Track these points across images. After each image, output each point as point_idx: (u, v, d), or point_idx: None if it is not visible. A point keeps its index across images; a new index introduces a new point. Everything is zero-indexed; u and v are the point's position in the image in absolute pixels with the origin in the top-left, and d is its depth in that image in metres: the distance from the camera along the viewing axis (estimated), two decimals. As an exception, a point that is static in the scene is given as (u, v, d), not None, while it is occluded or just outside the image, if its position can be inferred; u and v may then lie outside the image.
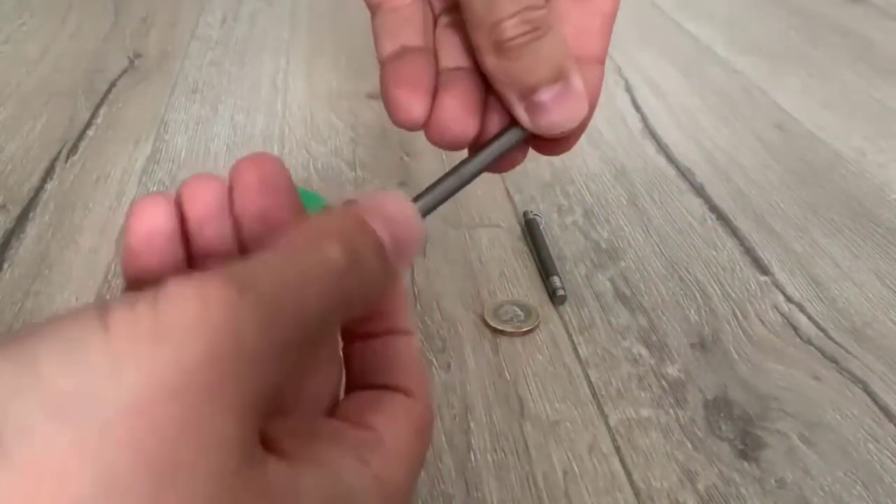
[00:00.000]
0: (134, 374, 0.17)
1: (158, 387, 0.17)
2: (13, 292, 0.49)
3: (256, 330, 0.18)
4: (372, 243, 0.22)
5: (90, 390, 0.16)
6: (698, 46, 0.92)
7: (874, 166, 0.66)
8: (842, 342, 0.47)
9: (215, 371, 0.17)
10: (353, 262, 0.21)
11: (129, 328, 0.17)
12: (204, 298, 0.18)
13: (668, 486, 0.38)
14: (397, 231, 0.23)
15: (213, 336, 0.17)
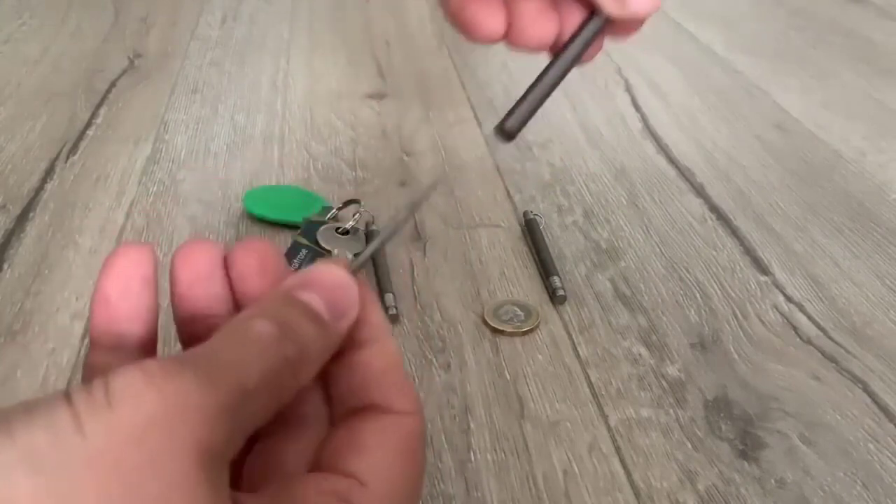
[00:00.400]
0: (98, 429, 0.19)
1: (122, 438, 0.19)
2: (13, 292, 0.49)
3: (199, 389, 0.20)
4: (303, 312, 0.24)
5: (59, 446, 0.18)
6: (698, 46, 0.92)
7: (874, 166, 0.66)
8: (842, 342, 0.47)
9: (170, 422, 0.19)
10: (284, 330, 0.23)
11: (88, 399, 0.19)
12: (146, 371, 0.20)
13: (668, 486, 0.38)
14: (330, 295, 0.25)
15: (161, 395, 0.19)
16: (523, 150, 0.68)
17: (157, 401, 0.19)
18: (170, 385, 0.20)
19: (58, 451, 0.18)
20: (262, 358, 0.22)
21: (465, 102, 0.77)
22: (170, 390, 0.20)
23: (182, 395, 0.20)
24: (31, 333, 0.46)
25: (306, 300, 0.25)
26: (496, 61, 0.86)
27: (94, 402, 0.19)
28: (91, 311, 0.26)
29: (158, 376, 0.20)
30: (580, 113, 0.75)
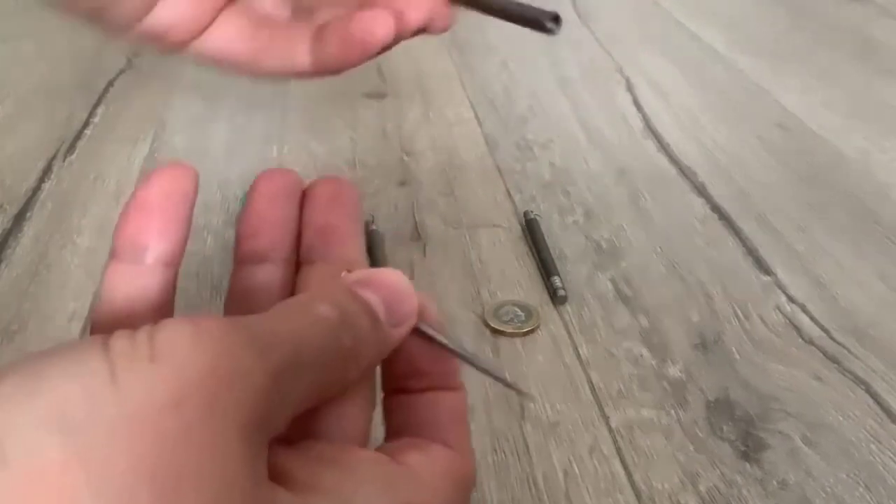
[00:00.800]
0: (135, 386, 0.17)
1: (159, 400, 0.17)
2: (10, 293, 0.49)
3: (252, 355, 0.19)
4: (363, 308, 0.24)
5: (92, 401, 0.17)
6: (700, 46, 0.91)
7: (876, 166, 0.66)
8: (844, 343, 0.47)
9: (213, 388, 0.18)
10: (344, 320, 0.23)
11: (129, 350, 0.18)
12: (199, 326, 0.19)
13: (670, 487, 0.38)
14: (391, 299, 0.25)
15: (209, 356, 0.18)
16: (523, 150, 0.68)
17: (204, 362, 0.18)
18: (220, 346, 0.19)
19: (90, 409, 0.17)
20: (319, 337, 0.22)
21: (465, 102, 0.76)
22: (220, 352, 0.18)
23: (233, 358, 0.19)
24: (28, 334, 0.46)
25: (368, 298, 0.24)
26: (496, 61, 0.86)
27: (135, 353, 0.18)
28: (121, 216, 0.25)
29: (210, 335, 0.19)
30: (581, 112, 0.75)
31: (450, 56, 0.87)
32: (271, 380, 0.19)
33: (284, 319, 0.22)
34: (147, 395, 0.17)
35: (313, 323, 0.22)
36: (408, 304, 0.25)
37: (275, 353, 0.20)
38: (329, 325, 0.22)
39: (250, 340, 0.19)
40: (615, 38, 0.93)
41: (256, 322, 0.21)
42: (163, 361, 0.18)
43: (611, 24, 0.98)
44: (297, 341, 0.21)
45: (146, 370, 0.17)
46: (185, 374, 0.18)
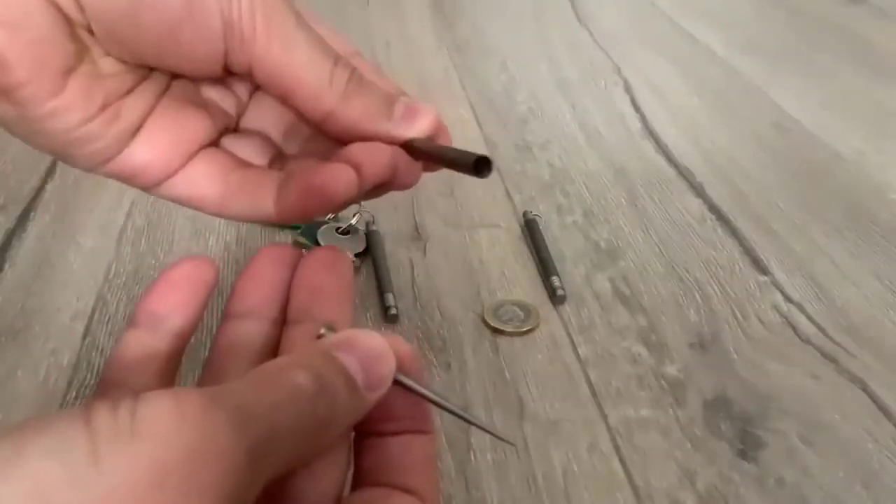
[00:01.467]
0: (116, 464, 0.17)
1: (140, 479, 0.17)
2: (14, 292, 0.50)
3: (230, 433, 0.19)
4: (341, 374, 0.24)
5: (73, 479, 0.17)
6: (697, 46, 0.92)
7: (873, 167, 0.67)
8: (841, 342, 0.47)
9: (193, 467, 0.18)
10: (321, 388, 0.23)
11: (111, 426, 0.18)
12: (179, 402, 0.19)
13: (668, 485, 0.38)
14: (368, 363, 0.25)
15: (190, 435, 0.18)
16: (523, 151, 0.68)
17: (185, 441, 0.18)
18: (201, 424, 0.19)
19: (70, 486, 0.17)
20: (295, 408, 0.22)
21: (465, 102, 0.77)
22: (200, 430, 0.19)
23: (212, 438, 0.19)
24: (31, 333, 0.46)
25: (345, 364, 0.24)
26: (496, 62, 0.86)
27: (116, 429, 0.18)
28: (147, 290, 0.27)
29: (190, 412, 0.19)
30: (579, 113, 0.75)
31: (450, 57, 0.87)
32: (248, 456, 0.20)
33: (262, 391, 0.22)
34: (128, 474, 0.17)
35: (290, 394, 0.22)
36: (385, 367, 0.25)
37: (252, 429, 0.20)
38: (306, 395, 0.22)
39: (229, 418, 0.19)
40: (613, 40, 0.93)
41: (235, 394, 0.21)
42: (144, 439, 0.18)
43: (609, 25, 0.98)
44: (275, 414, 0.21)
45: (127, 448, 0.18)
46: (166, 453, 0.18)
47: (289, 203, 0.30)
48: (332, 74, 0.29)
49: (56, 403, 0.42)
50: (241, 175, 0.32)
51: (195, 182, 0.31)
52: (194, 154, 0.31)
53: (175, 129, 0.31)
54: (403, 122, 0.31)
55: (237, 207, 0.31)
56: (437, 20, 0.98)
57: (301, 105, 0.30)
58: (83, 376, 0.44)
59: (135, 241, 0.55)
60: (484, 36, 0.93)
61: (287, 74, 0.29)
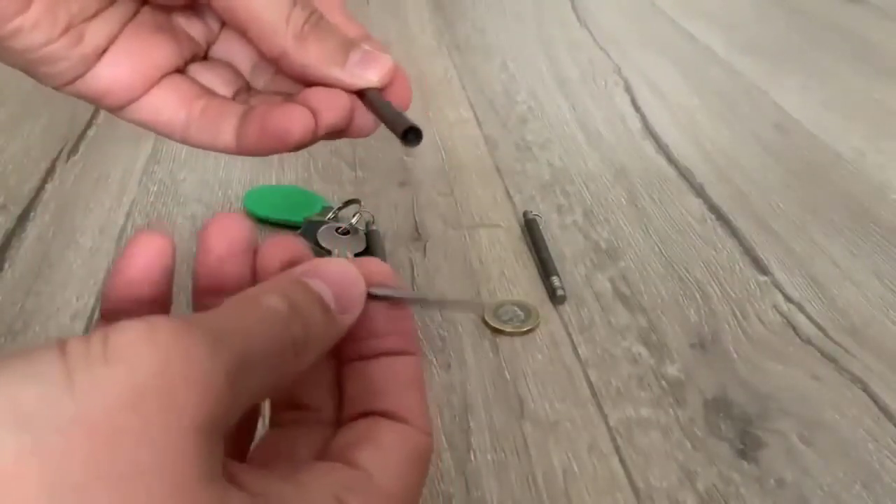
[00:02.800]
0: (90, 387, 0.17)
1: (113, 399, 0.17)
2: (14, 292, 0.50)
3: (205, 355, 0.19)
4: (312, 297, 0.24)
5: (47, 402, 0.17)
6: (698, 47, 0.92)
7: (873, 167, 0.67)
8: (841, 342, 0.47)
9: (168, 386, 0.18)
10: (294, 310, 0.23)
11: (84, 352, 0.18)
12: (151, 327, 0.19)
13: (668, 485, 0.38)
14: (339, 287, 0.25)
15: (163, 357, 0.18)
16: (523, 151, 0.68)
17: (158, 363, 0.18)
18: (174, 346, 0.19)
19: (46, 409, 0.17)
20: (269, 330, 0.22)
21: (465, 102, 0.77)
22: (173, 352, 0.19)
23: (186, 358, 0.19)
24: (31, 333, 0.46)
25: (316, 288, 0.25)
26: (496, 62, 0.86)
27: (90, 356, 0.18)
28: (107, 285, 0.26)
29: (164, 335, 0.19)
30: (580, 113, 0.75)
31: (450, 56, 0.87)
32: (225, 378, 0.19)
33: (235, 315, 0.22)
34: (102, 396, 0.17)
35: (264, 316, 0.22)
36: (356, 290, 0.26)
37: (227, 350, 0.20)
38: (279, 316, 0.23)
39: (203, 339, 0.19)
40: (614, 40, 0.93)
41: (208, 320, 0.21)
42: (117, 363, 0.18)
43: (609, 25, 0.98)
44: (249, 337, 0.21)
45: (101, 371, 0.18)
46: (139, 375, 0.18)
47: (247, 139, 0.31)
48: (289, 14, 0.30)
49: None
50: (205, 103, 0.32)
51: (159, 107, 0.32)
52: (159, 79, 0.32)
53: (140, 53, 0.31)
54: (356, 70, 0.32)
55: (198, 135, 0.32)
56: (437, 20, 0.98)
57: (256, 42, 0.30)
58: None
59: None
60: (484, 36, 0.93)
61: (243, 9, 0.29)
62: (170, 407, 0.18)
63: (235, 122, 0.31)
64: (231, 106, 0.32)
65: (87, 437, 0.17)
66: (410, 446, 0.25)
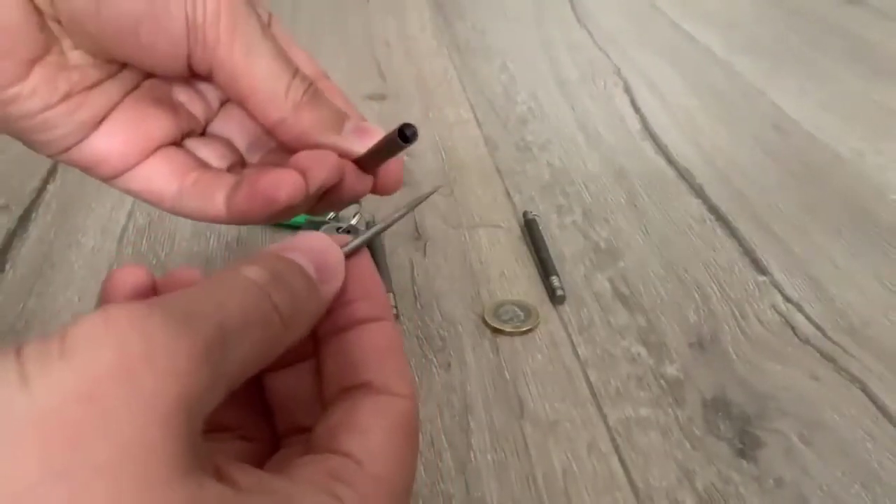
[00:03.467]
0: (44, 384, 0.17)
1: (70, 394, 0.17)
2: (16, 292, 0.50)
3: (168, 333, 0.18)
4: (294, 267, 0.25)
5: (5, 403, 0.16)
6: (697, 47, 0.92)
7: (872, 167, 0.67)
8: (840, 342, 0.47)
9: (129, 376, 0.17)
10: (276, 279, 0.23)
11: (39, 351, 0.17)
12: (108, 314, 0.18)
13: (667, 485, 0.38)
14: (318, 258, 0.26)
15: (121, 342, 0.18)
16: (523, 151, 0.68)
17: (116, 349, 0.17)
18: (134, 331, 0.18)
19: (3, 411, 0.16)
20: (248, 299, 0.22)
21: (465, 102, 0.77)
22: (134, 337, 0.18)
23: (148, 342, 0.18)
24: (33, 333, 0.47)
25: (297, 259, 0.25)
26: (496, 61, 0.86)
27: (45, 353, 0.17)
28: None
29: (122, 322, 0.18)
30: (579, 113, 0.75)
31: (450, 57, 0.87)
32: (196, 359, 0.19)
33: (209, 291, 0.21)
34: (57, 391, 0.17)
35: (241, 288, 0.22)
36: (334, 258, 0.27)
37: (198, 328, 0.19)
38: (258, 287, 0.22)
39: (165, 320, 0.19)
40: (613, 40, 0.93)
41: (175, 298, 0.20)
42: (73, 355, 0.17)
43: (609, 26, 0.98)
44: (224, 308, 0.21)
45: (57, 366, 0.17)
46: (96, 365, 0.17)
47: (237, 205, 0.31)
48: (288, 85, 0.30)
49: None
50: (197, 175, 0.32)
51: (152, 178, 0.32)
52: (154, 151, 0.32)
53: (137, 124, 0.31)
54: (352, 137, 0.32)
55: (190, 205, 0.32)
56: (437, 20, 0.98)
57: (256, 111, 0.31)
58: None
59: (136, 242, 0.55)
60: (484, 36, 0.93)
61: (245, 80, 0.30)
62: (131, 398, 0.17)
63: (227, 191, 0.31)
64: (224, 177, 0.32)
65: (43, 436, 0.16)
66: (393, 421, 0.25)
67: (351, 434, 0.24)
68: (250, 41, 0.29)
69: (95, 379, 0.17)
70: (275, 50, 0.30)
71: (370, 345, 0.27)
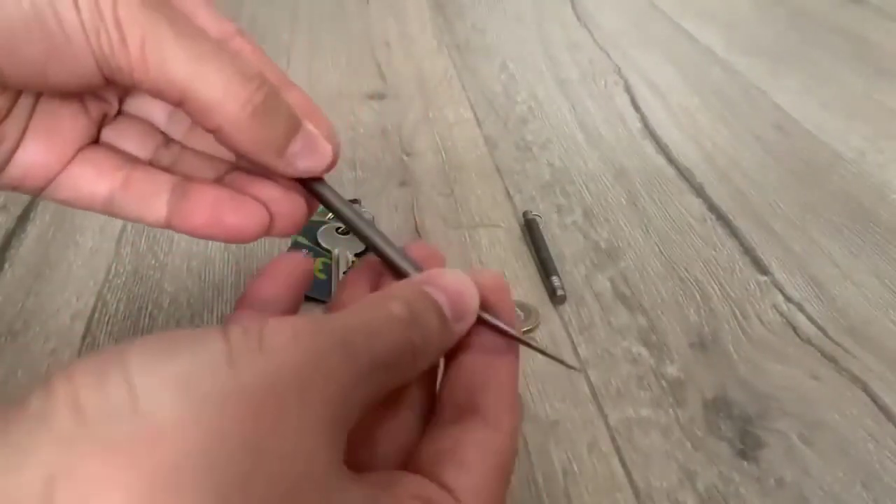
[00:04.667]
0: (246, 370, 0.20)
1: (264, 383, 0.20)
2: (14, 292, 0.50)
3: (339, 357, 0.22)
4: (431, 305, 0.26)
5: (212, 376, 0.19)
6: (698, 47, 0.92)
7: (873, 167, 0.67)
8: (841, 342, 0.47)
9: (306, 382, 0.21)
10: (414, 317, 0.25)
11: (243, 339, 0.21)
12: (297, 329, 0.22)
13: (668, 485, 0.38)
14: (455, 297, 0.27)
15: (305, 355, 0.21)
16: (523, 150, 0.68)
17: (300, 359, 0.21)
18: (314, 346, 0.21)
19: (209, 381, 0.19)
20: (393, 335, 0.24)
21: (465, 102, 0.77)
22: (313, 352, 0.21)
23: (323, 359, 0.21)
24: (31, 333, 0.46)
25: (435, 296, 0.27)
26: (496, 61, 0.86)
27: (247, 343, 0.20)
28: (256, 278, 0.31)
29: (305, 336, 0.21)
30: (579, 113, 0.75)
31: (450, 56, 0.87)
32: (353, 378, 0.22)
33: (364, 318, 0.24)
34: (255, 378, 0.20)
35: (389, 320, 0.24)
36: (470, 301, 0.28)
37: (356, 356, 0.22)
38: (401, 323, 0.25)
39: (337, 343, 0.22)
40: (613, 40, 0.93)
41: (341, 322, 0.23)
42: (269, 353, 0.21)
43: (609, 25, 0.98)
44: (376, 340, 0.23)
45: (256, 358, 0.20)
46: (285, 367, 0.20)
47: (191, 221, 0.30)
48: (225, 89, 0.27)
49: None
50: (128, 174, 0.31)
51: (78, 183, 0.31)
52: (74, 155, 0.31)
53: (50, 132, 0.30)
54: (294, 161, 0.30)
55: (127, 208, 0.31)
56: (437, 20, 0.98)
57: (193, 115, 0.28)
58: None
59: (134, 242, 0.55)
60: (484, 36, 0.93)
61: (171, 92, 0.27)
62: (305, 400, 0.20)
63: (166, 194, 0.30)
64: (158, 177, 0.31)
65: (240, 411, 0.19)
66: (497, 461, 0.26)
67: (456, 468, 0.25)
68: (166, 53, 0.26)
69: (283, 379, 0.20)
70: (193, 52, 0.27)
71: (495, 377, 0.28)
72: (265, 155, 0.29)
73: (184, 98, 0.27)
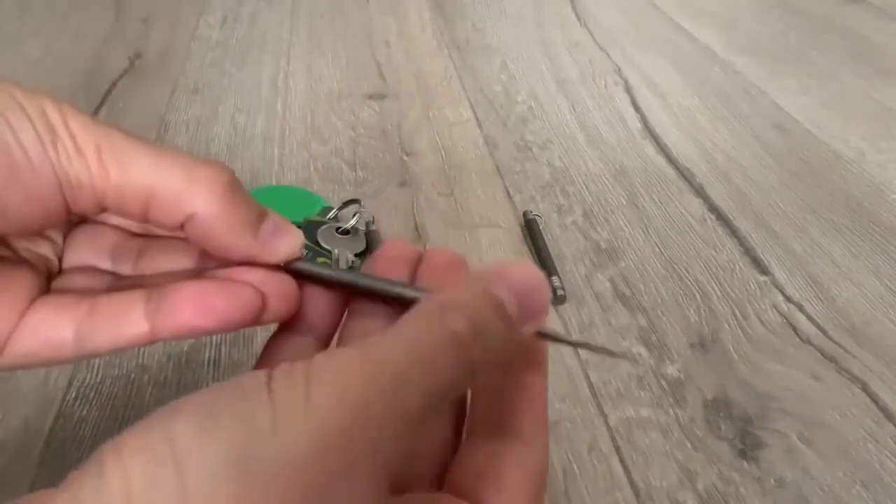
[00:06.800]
0: (291, 436, 0.19)
1: (310, 450, 0.19)
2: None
3: (385, 404, 0.20)
4: (496, 310, 0.24)
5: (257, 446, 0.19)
6: (698, 47, 0.92)
7: (873, 166, 0.67)
8: (841, 342, 0.47)
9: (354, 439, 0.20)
10: (477, 332, 0.23)
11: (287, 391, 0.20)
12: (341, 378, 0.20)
13: (668, 485, 0.38)
14: (523, 294, 0.24)
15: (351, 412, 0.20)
16: (523, 151, 0.68)
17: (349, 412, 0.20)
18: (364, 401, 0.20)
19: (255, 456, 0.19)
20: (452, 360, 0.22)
21: (465, 102, 0.77)
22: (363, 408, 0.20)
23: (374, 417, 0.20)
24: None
25: (501, 297, 0.24)
26: (496, 61, 0.86)
27: (294, 398, 0.20)
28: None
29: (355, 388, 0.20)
30: (580, 113, 0.75)
31: (450, 56, 0.87)
32: (405, 426, 0.21)
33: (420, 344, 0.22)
34: (300, 445, 0.19)
35: (445, 346, 0.22)
36: (540, 298, 0.25)
37: (410, 399, 0.21)
38: (462, 345, 0.22)
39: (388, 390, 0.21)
40: (614, 40, 0.93)
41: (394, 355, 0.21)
42: (315, 413, 0.20)
43: (609, 25, 0.98)
44: (432, 379, 0.22)
45: (301, 421, 0.19)
46: (331, 426, 0.19)
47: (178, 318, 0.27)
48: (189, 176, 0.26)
49: (56, 403, 0.42)
50: (90, 304, 0.28)
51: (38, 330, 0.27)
52: (28, 306, 0.27)
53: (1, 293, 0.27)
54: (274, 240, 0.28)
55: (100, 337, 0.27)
56: (437, 20, 0.98)
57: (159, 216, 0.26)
58: (83, 376, 0.43)
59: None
60: (484, 36, 0.93)
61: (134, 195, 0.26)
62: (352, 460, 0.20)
63: (143, 306, 0.27)
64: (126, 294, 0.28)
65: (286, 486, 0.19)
66: (532, 480, 0.25)
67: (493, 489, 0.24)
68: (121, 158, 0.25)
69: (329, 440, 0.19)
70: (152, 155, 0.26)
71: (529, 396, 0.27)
72: (241, 237, 0.27)
73: (150, 195, 0.26)
